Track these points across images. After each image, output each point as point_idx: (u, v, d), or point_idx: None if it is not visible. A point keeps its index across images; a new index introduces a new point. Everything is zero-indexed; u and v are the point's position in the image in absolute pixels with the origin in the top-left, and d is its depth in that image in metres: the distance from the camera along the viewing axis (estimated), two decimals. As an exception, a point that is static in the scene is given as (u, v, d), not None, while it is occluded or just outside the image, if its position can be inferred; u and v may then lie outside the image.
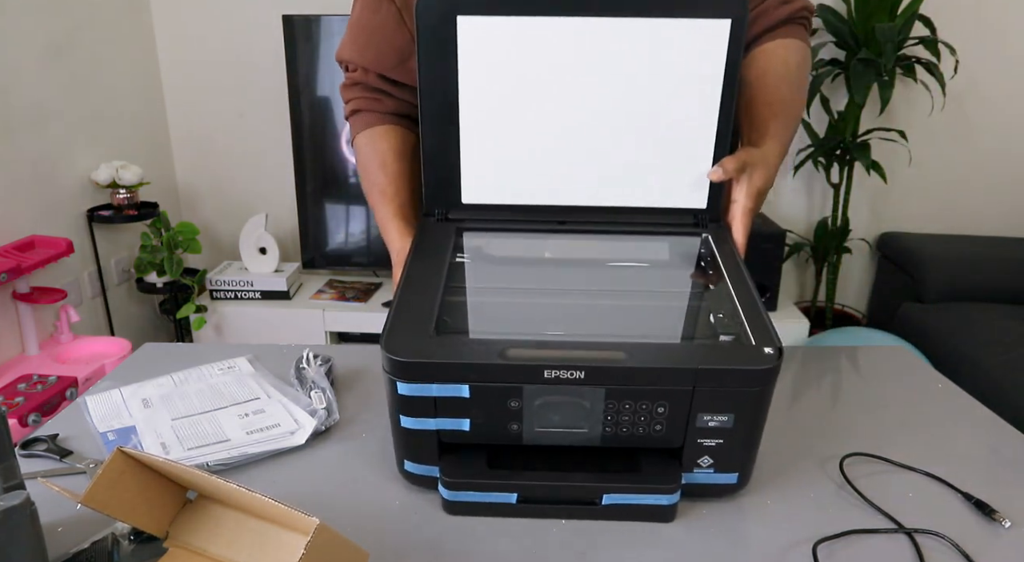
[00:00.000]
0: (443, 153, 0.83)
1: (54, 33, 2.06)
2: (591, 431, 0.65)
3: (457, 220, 0.86)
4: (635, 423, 0.64)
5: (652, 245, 0.87)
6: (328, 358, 0.94)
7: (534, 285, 0.83)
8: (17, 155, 1.94)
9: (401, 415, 0.65)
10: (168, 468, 0.58)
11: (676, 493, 0.66)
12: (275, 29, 2.35)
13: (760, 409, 0.64)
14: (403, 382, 0.62)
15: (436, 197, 0.86)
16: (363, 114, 0.99)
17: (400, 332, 0.64)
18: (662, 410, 0.63)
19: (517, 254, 0.89)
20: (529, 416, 0.64)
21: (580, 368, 0.61)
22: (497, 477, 0.66)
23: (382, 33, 0.95)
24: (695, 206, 0.85)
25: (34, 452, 0.76)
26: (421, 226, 0.85)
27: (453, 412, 0.64)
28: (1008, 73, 2.49)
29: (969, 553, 0.63)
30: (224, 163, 2.65)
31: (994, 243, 2.46)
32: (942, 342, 2.12)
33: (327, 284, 2.54)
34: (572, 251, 0.88)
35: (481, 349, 0.62)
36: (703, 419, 0.64)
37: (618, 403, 0.63)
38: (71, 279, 2.16)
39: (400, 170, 0.96)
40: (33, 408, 1.69)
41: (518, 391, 0.63)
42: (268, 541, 0.58)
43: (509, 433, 0.65)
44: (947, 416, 0.87)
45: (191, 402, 0.85)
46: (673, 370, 0.61)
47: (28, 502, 0.51)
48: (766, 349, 0.62)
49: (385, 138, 0.97)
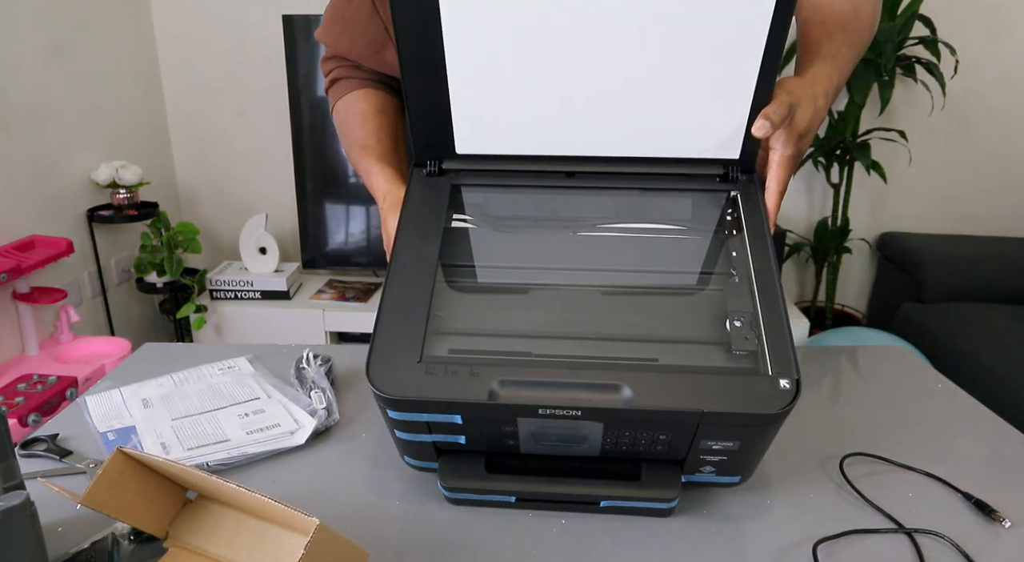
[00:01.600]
0: (431, 98, 0.70)
1: (54, 33, 2.06)
2: (590, 447, 0.64)
3: (452, 172, 0.75)
4: (636, 443, 0.62)
5: (671, 207, 0.75)
6: (328, 358, 0.94)
7: (532, 278, 0.73)
8: (17, 155, 1.94)
9: (396, 431, 0.64)
10: (168, 468, 0.58)
11: (675, 499, 0.66)
12: (275, 29, 2.35)
13: (768, 437, 0.61)
14: (392, 411, 0.60)
15: (427, 147, 0.74)
16: (342, 82, 0.97)
17: (385, 358, 0.60)
18: (664, 437, 0.61)
19: (517, 229, 0.76)
20: (526, 436, 0.63)
21: (576, 409, 0.57)
22: (495, 480, 0.66)
23: (356, 23, 0.92)
24: (727, 156, 0.71)
25: (34, 452, 0.76)
26: (412, 182, 0.74)
27: (448, 431, 0.63)
28: (1008, 73, 2.49)
29: (969, 553, 0.63)
30: (224, 163, 2.65)
31: (994, 243, 2.46)
32: (942, 342, 2.12)
33: (327, 284, 2.54)
34: (579, 218, 0.75)
35: (471, 384, 0.58)
36: (707, 444, 0.61)
37: (617, 433, 0.61)
38: (71, 279, 2.16)
39: (380, 124, 0.92)
40: (33, 408, 1.69)
41: (512, 420, 0.61)
42: (268, 541, 0.58)
43: (506, 446, 0.65)
44: (947, 416, 0.87)
45: (191, 402, 0.85)
46: (676, 413, 0.57)
47: (28, 502, 0.51)
48: (782, 382, 0.57)
49: (364, 99, 0.94)
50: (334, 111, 0.98)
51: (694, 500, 0.70)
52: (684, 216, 0.76)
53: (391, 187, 0.84)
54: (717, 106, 0.68)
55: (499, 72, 0.68)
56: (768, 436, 0.61)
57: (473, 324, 0.68)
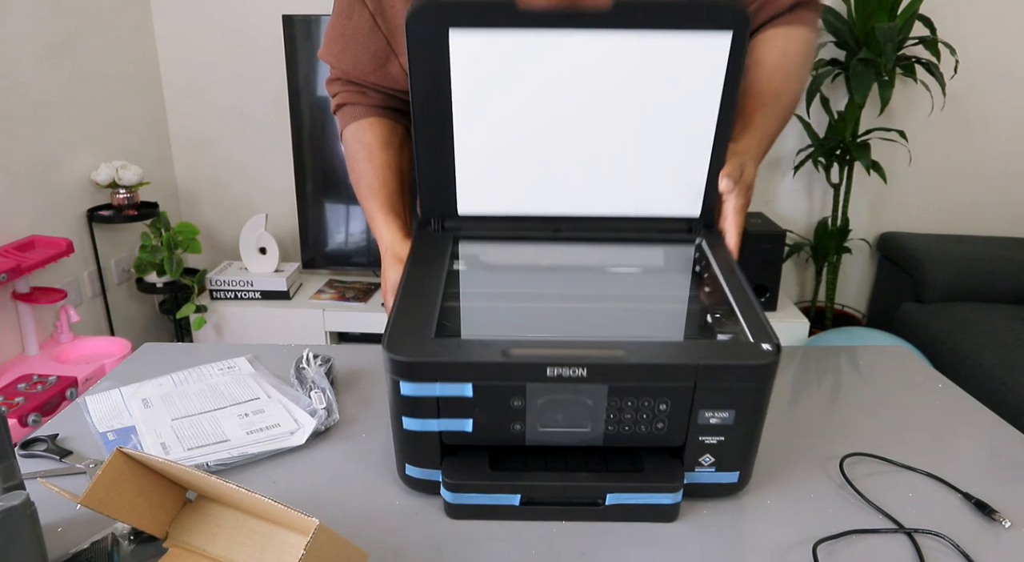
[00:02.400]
0: (437, 163, 0.82)
1: (54, 33, 2.06)
2: (593, 430, 0.65)
3: (454, 229, 0.85)
4: (637, 421, 0.64)
5: (647, 252, 0.87)
6: (328, 358, 0.94)
7: (532, 290, 0.83)
8: (17, 155, 1.94)
9: (403, 417, 0.65)
10: (168, 468, 0.58)
11: (679, 492, 0.66)
12: (275, 29, 2.35)
13: (760, 405, 0.65)
14: (406, 381, 0.62)
15: (432, 207, 0.85)
16: (349, 108, 0.98)
17: (402, 333, 0.64)
18: (664, 407, 0.64)
19: (515, 261, 0.88)
20: (532, 415, 0.64)
21: (582, 365, 0.61)
22: (500, 479, 0.66)
23: (357, 39, 0.93)
24: (689, 215, 0.85)
25: (34, 452, 0.76)
26: (418, 235, 0.85)
27: (456, 413, 0.64)
28: (1008, 73, 2.49)
29: (969, 553, 0.63)
30: (224, 163, 2.65)
31: (994, 243, 2.46)
32: (942, 342, 2.12)
33: (327, 284, 2.54)
34: (568, 258, 0.88)
35: (484, 349, 0.62)
36: (704, 416, 0.64)
37: (620, 401, 0.63)
38: (71, 279, 2.16)
39: (386, 160, 0.95)
40: (33, 408, 1.69)
41: (521, 390, 0.63)
42: (268, 541, 0.58)
43: (512, 433, 0.65)
44: (947, 416, 0.87)
45: (191, 402, 0.85)
46: (674, 366, 0.62)
47: (28, 502, 0.51)
48: (764, 346, 0.63)
49: (371, 130, 0.96)
50: (343, 138, 1.00)
51: (695, 500, 0.70)
52: (658, 260, 0.88)
53: (393, 241, 0.89)
54: (679, 173, 0.82)
55: (498, 142, 0.81)
56: (760, 404, 0.65)
57: (483, 316, 0.76)
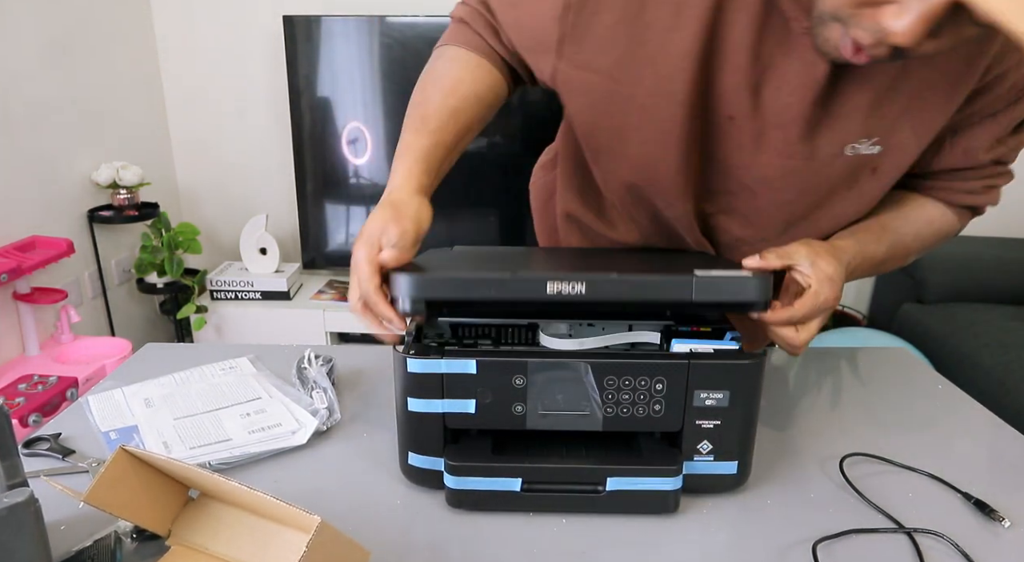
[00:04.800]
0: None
1: (54, 33, 2.06)
2: (592, 413, 0.66)
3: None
4: (635, 402, 0.65)
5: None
6: (329, 358, 0.94)
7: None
8: (17, 155, 1.94)
9: (409, 397, 0.66)
10: (170, 466, 0.58)
11: (679, 477, 0.66)
12: (275, 29, 2.35)
13: (754, 387, 0.66)
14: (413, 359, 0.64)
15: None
16: (471, 32, 0.80)
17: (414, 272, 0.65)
18: (660, 387, 0.65)
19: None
20: (533, 395, 0.65)
21: (580, 281, 0.62)
22: (502, 462, 0.67)
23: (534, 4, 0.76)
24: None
25: (37, 451, 0.77)
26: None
27: (460, 392, 0.65)
28: (1008, 74, 2.48)
29: (969, 553, 0.63)
30: (224, 163, 2.65)
31: (994, 243, 2.46)
32: (942, 342, 2.12)
33: (327, 284, 2.55)
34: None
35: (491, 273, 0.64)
36: (700, 397, 0.65)
37: (618, 379, 0.65)
38: (71, 279, 2.16)
39: (462, 109, 0.78)
40: (33, 408, 1.69)
41: (523, 367, 0.64)
42: (270, 539, 0.58)
43: (513, 416, 0.66)
44: (947, 416, 0.87)
45: (193, 402, 0.86)
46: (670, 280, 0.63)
47: (32, 499, 0.52)
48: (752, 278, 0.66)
49: (475, 69, 0.79)
50: (437, 49, 0.83)
51: (694, 500, 0.70)
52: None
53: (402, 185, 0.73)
54: None
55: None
56: (754, 386, 0.66)
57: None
